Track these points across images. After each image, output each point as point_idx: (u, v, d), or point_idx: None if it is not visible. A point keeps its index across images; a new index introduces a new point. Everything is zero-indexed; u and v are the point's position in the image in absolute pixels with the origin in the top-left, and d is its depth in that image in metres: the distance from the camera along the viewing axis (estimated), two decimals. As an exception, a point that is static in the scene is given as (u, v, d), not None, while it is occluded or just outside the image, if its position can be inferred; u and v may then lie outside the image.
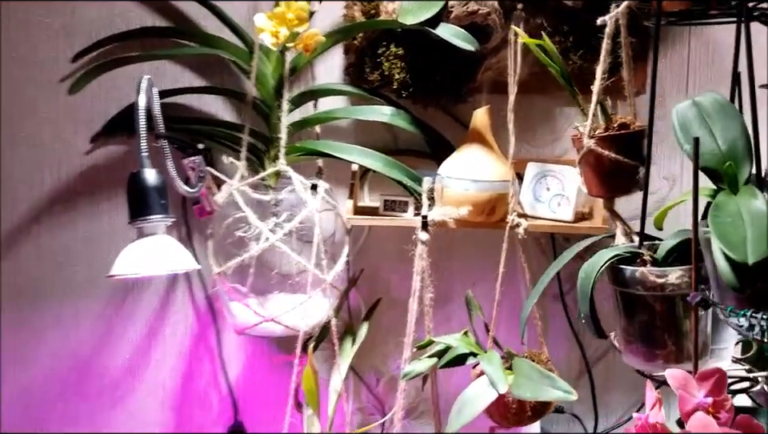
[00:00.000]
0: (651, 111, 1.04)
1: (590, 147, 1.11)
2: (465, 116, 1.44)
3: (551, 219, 1.36)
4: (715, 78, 1.44)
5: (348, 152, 1.34)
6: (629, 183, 1.13)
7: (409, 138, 1.46)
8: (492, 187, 1.29)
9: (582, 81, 1.38)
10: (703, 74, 1.44)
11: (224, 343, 1.55)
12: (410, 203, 1.37)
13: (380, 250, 1.52)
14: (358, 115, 1.36)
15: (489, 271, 1.50)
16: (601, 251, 1.06)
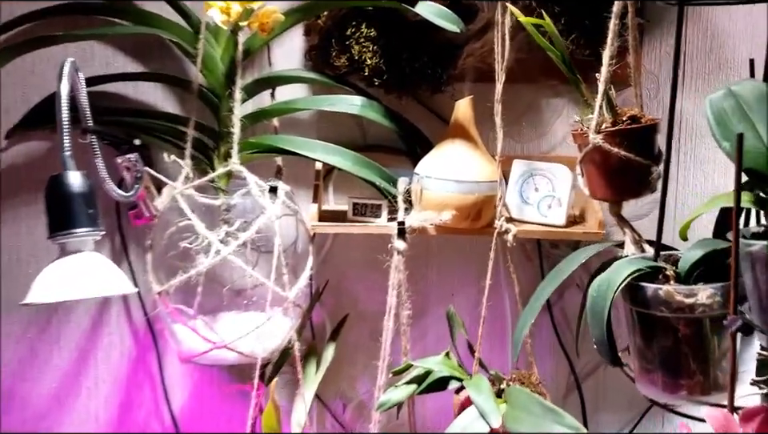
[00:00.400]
0: (672, 101, 0.89)
1: (597, 144, 0.96)
2: (442, 108, 1.28)
3: (541, 223, 1.21)
4: (714, 66, 1.31)
5: (311, 149, 1.16)
6: (639, 185, 0.99)
7: (380, 133, 1.29)
8: (478, 189, 1.12)
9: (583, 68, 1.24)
10: (701, 62, 1.31)
11: (167, 369, 1.35)
12: (383, 207, 1.20)
13: (347, 258, 1.34)
14: (323, 106, 1.18)
15: (469, 281, 1.35)
16: (615, 265, 0.91)
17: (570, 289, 1.35)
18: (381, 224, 1.18)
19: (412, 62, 1.15)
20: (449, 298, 1.35)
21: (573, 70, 1.01)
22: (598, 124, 0.99)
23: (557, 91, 1.30)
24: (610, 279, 0.88)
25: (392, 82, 1.17)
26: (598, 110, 0.96)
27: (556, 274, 1.07)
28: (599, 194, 1.02)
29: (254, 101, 1.23)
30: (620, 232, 1.26)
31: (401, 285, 1.16)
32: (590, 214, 1.22)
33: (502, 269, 1.33)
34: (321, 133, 1.30)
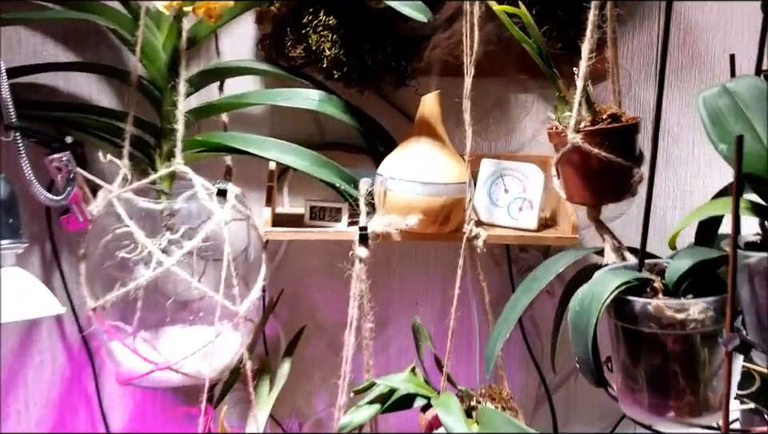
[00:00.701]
0: (659, 99, 0.82)
1: (576, 143, 0.89)
2: (405, 103, 1.20)
3: (512, 227, 1.13)
4: (687, 61, 1.26)
5: (265, 147, 1.06)
6: (620, 188, 0.92)
7: (339, 130, 1.19)
8: (446, 191, 1.04)
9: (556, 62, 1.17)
10: (674, 56, 1.26)
11: (104, 389, 1.23)
12: (343, 211, 1.10)
13: (303, 265, 1.25)
14: (278, 101, 1.08)
15: (434, 289, 1.27)
16: (599, 276, 0.84)
17: (539, 296, 1.28)
18: (341, 229, 1.09)
19: (375, 54, 1.05)
20: (413, 307, 1.27)
21: (549, 63, 0.93)
22: (576, 123, 0.91)
23: (526, 86, 1.22)
24: (594, 292, 0.80)
25: (353, 74, 1.07)
26: (577, 107, 0.89)
27: (531, 283, 0.99)
28: (577, 198, 0.95)
29: (200, 94, 1.12)
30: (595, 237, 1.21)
31: (363, 296, 1.07)
32: (562, 218, 1.15)
33: (470, 276, 1.26)
34: (274, 130, 1.20)
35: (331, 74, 1.07)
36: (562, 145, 0.92)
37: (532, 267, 1.27)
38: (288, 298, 1.24)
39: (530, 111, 1.23)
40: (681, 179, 1.27)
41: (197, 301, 1.10)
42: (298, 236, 1.08)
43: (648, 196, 0.84)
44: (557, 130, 0.94)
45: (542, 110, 1.23)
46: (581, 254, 0.97)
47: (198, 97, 1.11)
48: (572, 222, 1.10)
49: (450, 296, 1.26)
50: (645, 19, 1.24)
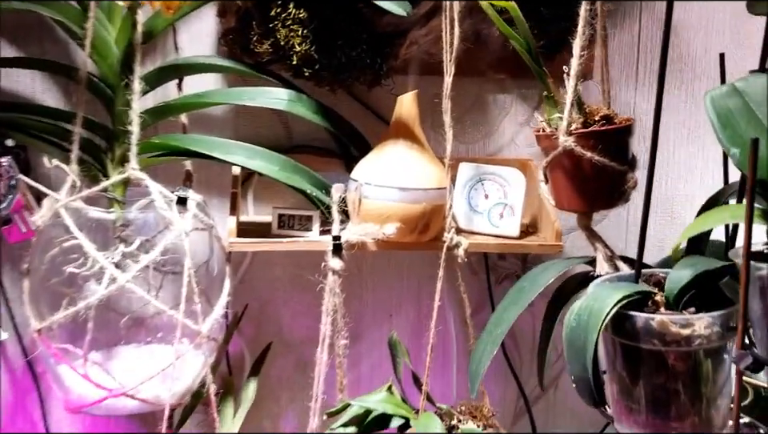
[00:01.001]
0: (659, 96, 0.77)
1: (569, 147, 0.83)
2: (379, 104, 1.13)
3: (493, 234, 1.07)
4: (669, 60, 1.21)
5: (229, 151, 0.98)
6: (613, 194, 0.87)
7: (308, 132, 1.12)
8: (426, 197, 0.97)
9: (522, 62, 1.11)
10: (655, 55, 1.21)
11: (52, 417, 1.13)
12: (314, 219, 1.03)
13: (268, 277, 1.17)
14: (243, 100, 1.00)
15: (408, 300, 1.21)
16: (596, 290, 0.78)
17: (518, 305, 1.23)
18: (313, 239, 1.01)
19: (349, 50, 0.98)
20: (386, 320, 1.20)
21: (539, 61, 0.87)
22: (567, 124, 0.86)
23: (504, 86, 1.16)
24: (592, 308, 0.75)
25: (325, 72, 0.99)
26: (569, 108, 0.83)
27: (517, 295, 0.93)
28: (567, 205, 0.89)
29: (157, 93, 1.03)
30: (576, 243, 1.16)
31: (336, 310, 0.99)
32: (544, 224, 1.09)
33: (447, 286, 1.19)
34: (238, 132, 1.11)
35: (301, 71, 1.00)
36: (552, 148, 0.86)
37: (510, 275, 1.22)
38: (253, 313, 1.16)
39: (509, 112, 1.17)
40: (661, 183, 1.23)
41: (153, 318, 1.01)
42: (266, 247, 1.00)
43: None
44: (546, 133, 0.88)
45: (521, 111, 1.17)
46: (570, 264, 0.91)
47: (154, 96, 1.02)
48: (555, 228, 1.04)
49: (425, 308, 1.20)
50: (626, 18, 1.20)
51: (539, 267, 0.96)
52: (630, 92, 1.20)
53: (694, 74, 1.21)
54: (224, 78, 1.09)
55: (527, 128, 1.18)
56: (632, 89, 1.20)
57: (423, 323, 1.21)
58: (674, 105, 1.21)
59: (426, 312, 1.20)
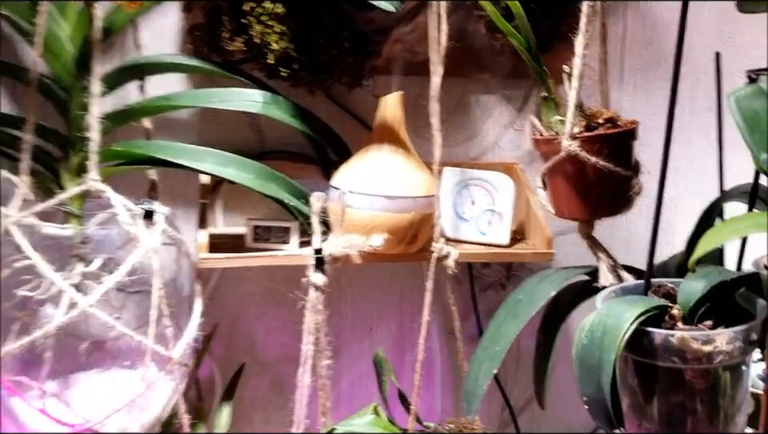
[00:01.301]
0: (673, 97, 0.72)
1: (573, 152, 0.78)
2: (356, 106, 1.06)
3: (481, 243, 1.02)
4: (654, 59, 1.18)
5: (199, 158, 0.89)
6: (617, 200, 0.82)
7: (281, 137, 1.04)
8: (415, 206, 0.91)
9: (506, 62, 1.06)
10: (640, 54, 1.18)
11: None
12: (292, 230, 0.95)
13: (239, 293, 1.09)
14: (215, 102, 0.91)
15: (389, 314, 1.14)
16: (608, 304, 0.73)
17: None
18: (292, 253, 0.94)
19: (330, 49, 0.90)
20: (366, 334, 1.13)
21: (539, 60, 0.82)
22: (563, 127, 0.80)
23: (488, 87, 1.11)
24: (606, 324, 0.69)
25: (304, 72, 0.92)
26: (572, 111, 0.78)
27: (515, 307, 0.88)
28: (568, 212, 0.84)
29: (116, 96, 0.93)
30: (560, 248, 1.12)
31: (319, 329, 0.92)
32: (533, 230, 1.04)
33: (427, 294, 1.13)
34: (204, 137, 1.03)
35: (277, 71, 0.92)
36: (553, 153, 0.81)
37: (494, 284, 1.17)
38: (223, 331, 1.08)
39: (492, 114, 1.12)
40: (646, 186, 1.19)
41: (115, 341, 0.92)
42: (241, 263, 0.92)
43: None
44: (545, 137, 0.83)
45: (505, 113, 1.12)
46: (570, 275, 0.86)
47: (112, 99, 0.93)
48: (546, 235, 0.99)
49: (407, 321, 1.14)
50: (610, 16, 1.15)
51: (534, 277, 0.91)
52: (614, 92, 1.15)
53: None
54: (188, 79, 1.00)
55: (511, 131, 1.13)
56: (617, 89, 1.16)
57: (405, 336, 1.14)
58: (659, 105, 1.17)
59: (408, 325, 1.14)
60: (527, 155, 1.14)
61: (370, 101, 1.02)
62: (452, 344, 1.15)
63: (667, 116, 0.71)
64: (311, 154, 1.03)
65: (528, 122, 1.12)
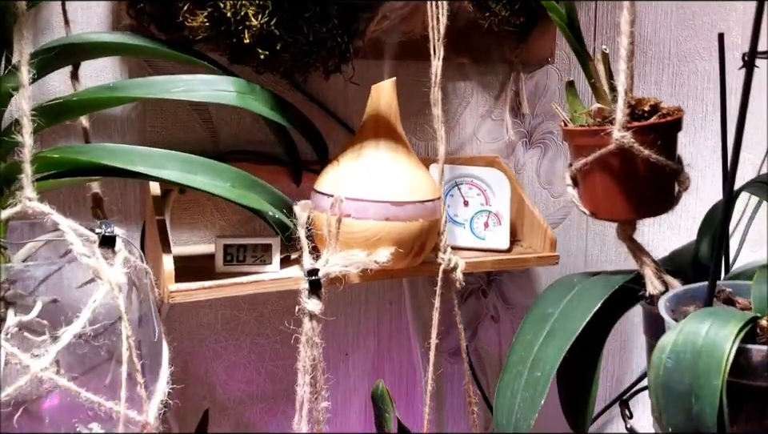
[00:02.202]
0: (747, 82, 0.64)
1: (626, 143, 0.68)
2: (328, 96, 0.90)
3: (479, 248, 0.90)
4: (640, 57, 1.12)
5: (160, 164, 0.70)
6: (665, 198, 0.74)
7: (238, 133, 0.87)
8: (423, 212, 0.78)
9: (500, 43, 0.96)
10: (611, 36, 1.11)
11: None
12: (273, 248, 0.78)
13: (195, 325, 0.90)
14: (175, 93, 0.71)
15: (365, 334, 1.00)
16: (687, 321, 0.64)
17: (483, 323, 1.07)
18: (277, 276, 0.77)
19: (318, 26, 0.74)
20: (341, 360, 0.98)
21: (581, 39, 0.71)
22: (608, 116, 0.71)
23: (464, 73, 0.99)
24: (696, 344, 0.60)
25: (286, 54, 0.75)
26: (623, 97, 0.68)
27: (544, 324, 0.77)
28: (608, 212, 0.74)
29: (39, 87, 0.72)
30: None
31: (317, 366, 0.76)
32: (528, 231, 0.94)
33: (409, 310, 1.01)
34: (147, 136, 0.83)
35: (248, 53, 0.74)
36: (593, 146, 0.70)
37: (475, 291, 1.06)
38: (176, 372, 0.88)
39: (470, 103, 1.01)
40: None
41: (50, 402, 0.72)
42: (221, 292, 0.73)
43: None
44: (585, 128, 0.72)
45: (482, 101, 1.01)
46: (612, 283, 0.76)
47: (37, 89, 0.71)
48: (548, 236, 0.90)
49: (385, 341, 1.00)
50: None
51: (559, 286, 0.81)
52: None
53: (645, 57, 1.12)
54: (122, 65, 0.80)
55: (489, 121, 1.02)
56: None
57: (385, 360, 1.01)
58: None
59: (387, 346, 1.01)
60: (506, 147, 1.04)
61: (345, 90, 0.88)
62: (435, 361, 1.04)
63: (740, 104, 0.63)
64: (278, 155, 0.87)
65: (507, 112, 1.02)
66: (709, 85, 1.17)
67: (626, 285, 0.78)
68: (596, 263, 1.13)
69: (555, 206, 1.09)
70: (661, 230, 1.16)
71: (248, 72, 0.80)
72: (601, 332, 0.77)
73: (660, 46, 1.12)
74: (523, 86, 1.02)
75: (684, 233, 1.18)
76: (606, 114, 0.72)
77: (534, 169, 1.06)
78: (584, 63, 0.71)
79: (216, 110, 0.85)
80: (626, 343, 1.17)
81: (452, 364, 1.05)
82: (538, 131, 1.05)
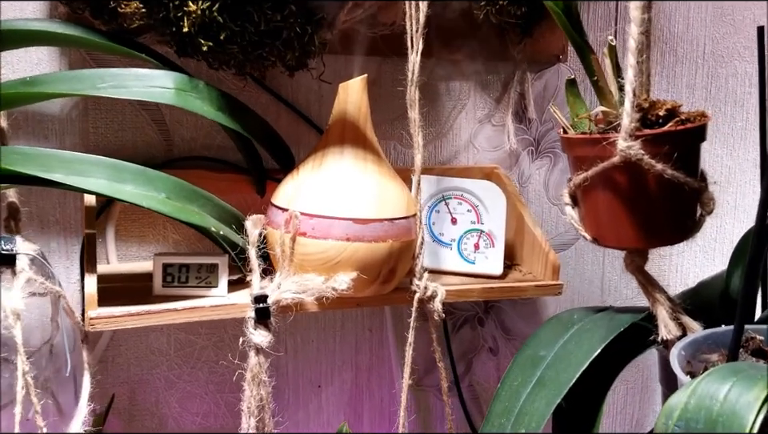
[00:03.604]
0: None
1: (633, 155, 0.56)
2: (299, 96, 0.80)
3: (469, 273, 0.78)
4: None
5: (84, 171, 0.60)
6: (685, 222, 0.61)
7: (195, 137, 0.77)
8: (393, 231, 0.66)
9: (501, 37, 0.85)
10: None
11: None
12: (220, 268, 0.68)
13: (143, 350, 0.80)
14: (106, 89, 0.61)
15: (341, 365, 0.88)
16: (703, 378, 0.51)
17: (480, 355, 0.95)
18: (221, 302, 0.66)
19: (272, 13, 0.63)
20: (313, 393, 0.87)
21: (581, 30, 0.59)
22: (613, 122, 0.59)
23: (460, 71, 0.87)
24: (712, 411, 0.47)
25: (234, 46, 0.64)
26: (631, 98, 0.55)
27: (535, 370, 0.65)
28: (615, 238, 0.62)
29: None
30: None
31: (265, 407, 0.66)
32: (530, 255, 0.82)
33: (391, 336, 0.89)
34: (88, 140, 0.73)
35: (192, 45, 0.64)
36: (596, 158, 0.58)
37: (470, 318, 0.94)
38: (122, 404, 0.79)
39: (465, 106, 0.89)
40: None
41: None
42: (149, 320, 0.63)
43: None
44: (586, 136, 0.60)
45: (480, 104, 0.89)
46: (617, 324, 0.63)
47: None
48: (551, 261, 0.77)
49: (364, 373, 0.89)
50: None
51: (554, 323, 0.69)
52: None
53: (675, 56, 0.99)
54: (61, 58, 0.70)
55: (489, 126, 0.90)
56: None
57: (364, 394, 0.90)
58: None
59: (366, 379, 0.89)
60: (508, 157, 0.92)
61: (319, 90, 0.77)
62: (420, 397, 0.92)
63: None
64: (239, 162, 0.76)
65: (510, 116, 0.90)
66: (750, 89, 1.03)
67: (638, 323, 0.66)
68: (614, 291, 1.00)
69: (567, 226, 0.96)
70: (692, 254, 1.02)
71: (206, 70, 0.69)
72: (602, 382, 0.64)
73: (693, 45, 0.99)
74: (530, 87, 0.90)
75: (719, 259, 1.04)
76: (612, 120, 0.60)
77: (542, 182, 0.94)
78: (584, 57, 0.59)
79: (169, 110, 0.75)
80: (648, 380, 1.04)
81: (443, 401, 0.93)
82: (547, 139, 0.93)
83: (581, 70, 0.91)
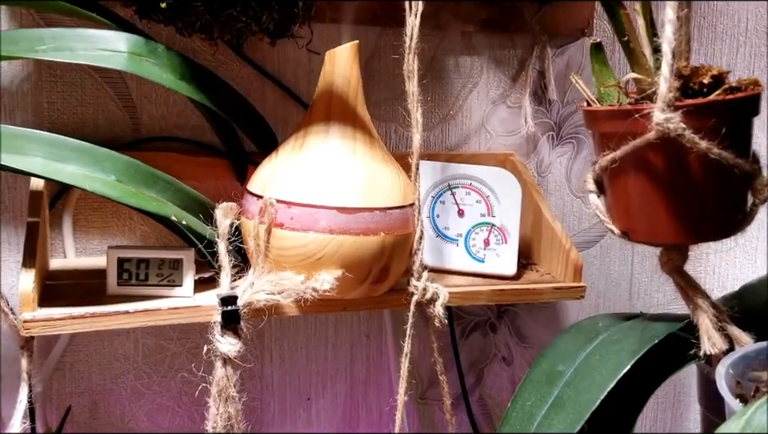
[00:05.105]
0: None
1: (672, 130, 0.45)
2: (286, 69, 0.70)
3: (478, 273, 0.68)
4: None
5: (20, 148, 0.51)
6: (734, 213, 0.50)
7: (166, 115, 0.67)
8: (386, 223, 0.57)
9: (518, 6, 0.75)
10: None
11: None
12: (185, 264, 0.58)
13: (105, 355, 0.71)
14: (48, 52, 0.52)
15: (334, 375, 0.79)
16: (758, 407, 0.41)
17: (492, 365, 0.85)
18: (184, 303, 0.57)
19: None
20: (302, 406, 0.78)
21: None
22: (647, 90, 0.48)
23: (470, 45, 0.77)
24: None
25: (201, 5, 0.55)
26: (669, 62, 0.45)
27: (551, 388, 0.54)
28: (649, 233, 0.52)
29: None
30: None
31: (234, 425, 0.56)
32: (549, 252, 0.72)
33: (391, 343, 0.79)
34: (42, 115, 0.65)
35: (153, 6, 0.55)
36: (627, 134, 0.48)
37: (481, 324, 0.84)
38: (82, 416, 0.70)
39: (477, 84, 0.78)
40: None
41: None
42: (94, 325, 0.54)
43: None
44: (613, 108, 0.50)
45: (495, 82, 0.79)
46: (651, 334, 0.53)
47: None
48: (572, 260, 0.67)
49: (360, 385, 0.80)
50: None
51: (576, 331, 0.58)
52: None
53: (714, 32, 0.88)
54: (12, 21, 0.62)
55: (504, 107, 0.80)
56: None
57: (360, 407, 0.80)
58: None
59: (362, 391, 0.80)
60: (525, 143, 0.81)
61: (309, 63, 0.68)
62: (424, 412, 0.83)
63: None
64: (215, 144, 0.67)
65: (528, 97, 0.80)
66: (796, 70, 0.92)
67: (675, 334, 0.55)
68: (645, 294, 0.89)
69: (591, 220, 0.86)
70: (731, 255, 0.91)
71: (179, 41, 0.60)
72: (631, 404, 0.54)
73: (734, 20, 0.88)
74: (550, 63, 0.80)
75: (761, 259, 0.93)
76: (645, 87, 0.49)
77: (563, 172, 0.83)
78: (613, 14, 0.49)
79: (136, 82, 0.66)
80: (681, 394, 0.93)
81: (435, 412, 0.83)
82: (570, 123, 0.82)
83: (611, 45, 0.82)
